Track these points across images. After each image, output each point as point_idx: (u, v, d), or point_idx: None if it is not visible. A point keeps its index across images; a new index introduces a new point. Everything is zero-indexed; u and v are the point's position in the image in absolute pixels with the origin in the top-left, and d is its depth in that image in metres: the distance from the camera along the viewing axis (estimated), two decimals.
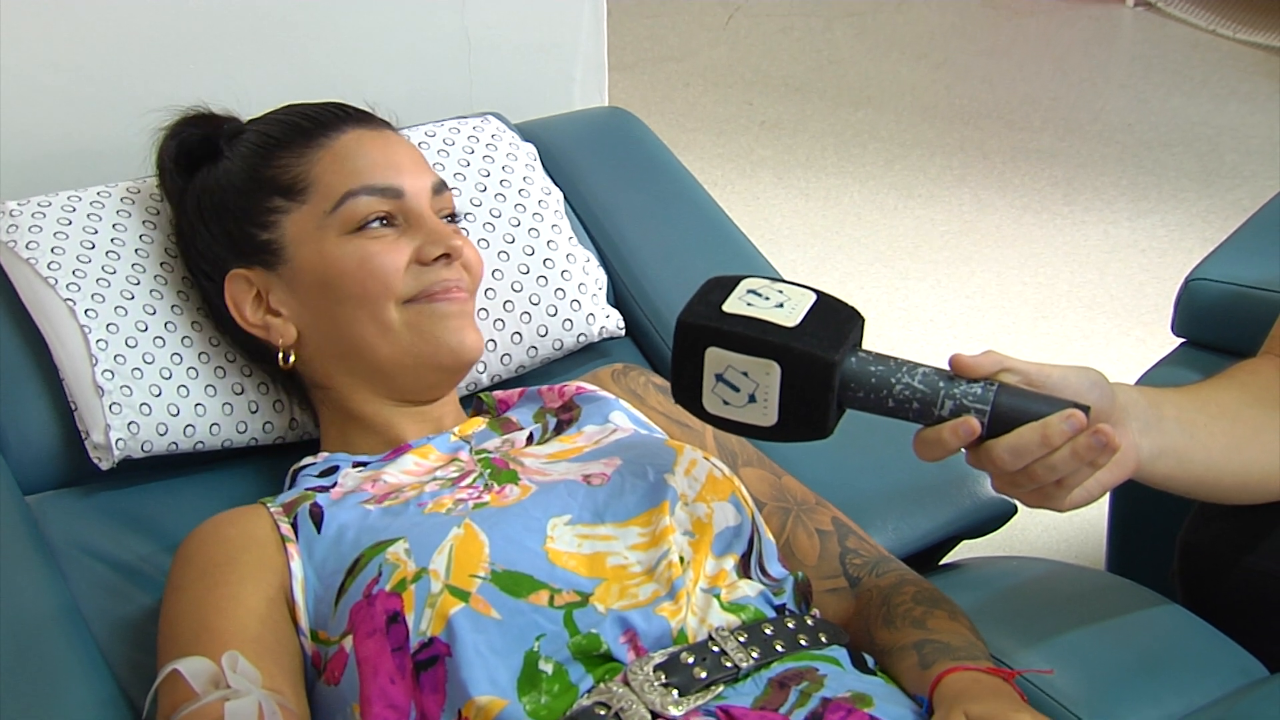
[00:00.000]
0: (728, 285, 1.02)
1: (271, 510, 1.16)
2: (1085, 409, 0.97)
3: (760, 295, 1.00)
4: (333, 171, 1.25)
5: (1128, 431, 1.04)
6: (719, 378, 1.00)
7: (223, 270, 1.28)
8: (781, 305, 0.99)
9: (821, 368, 0.97)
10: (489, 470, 1.19)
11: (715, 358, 0.99)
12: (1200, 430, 1.11)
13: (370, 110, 1.33)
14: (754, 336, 0.98)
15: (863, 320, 1.02)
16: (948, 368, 1.01)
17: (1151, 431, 1.07)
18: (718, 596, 1.09)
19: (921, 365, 1.01)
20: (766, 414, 1.00)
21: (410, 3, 1.76)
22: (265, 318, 1.27)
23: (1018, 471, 0.98)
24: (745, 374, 0.99)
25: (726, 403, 1.00)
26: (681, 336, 1.00)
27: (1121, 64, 3.86)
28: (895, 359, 1.01)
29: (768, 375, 0.98)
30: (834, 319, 1.00)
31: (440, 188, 1.29)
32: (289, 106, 1.33)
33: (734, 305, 0.99)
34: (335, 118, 1.29)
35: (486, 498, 1.14)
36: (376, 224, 1.24)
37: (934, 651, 1.08)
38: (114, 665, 1.18)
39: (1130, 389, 1.09)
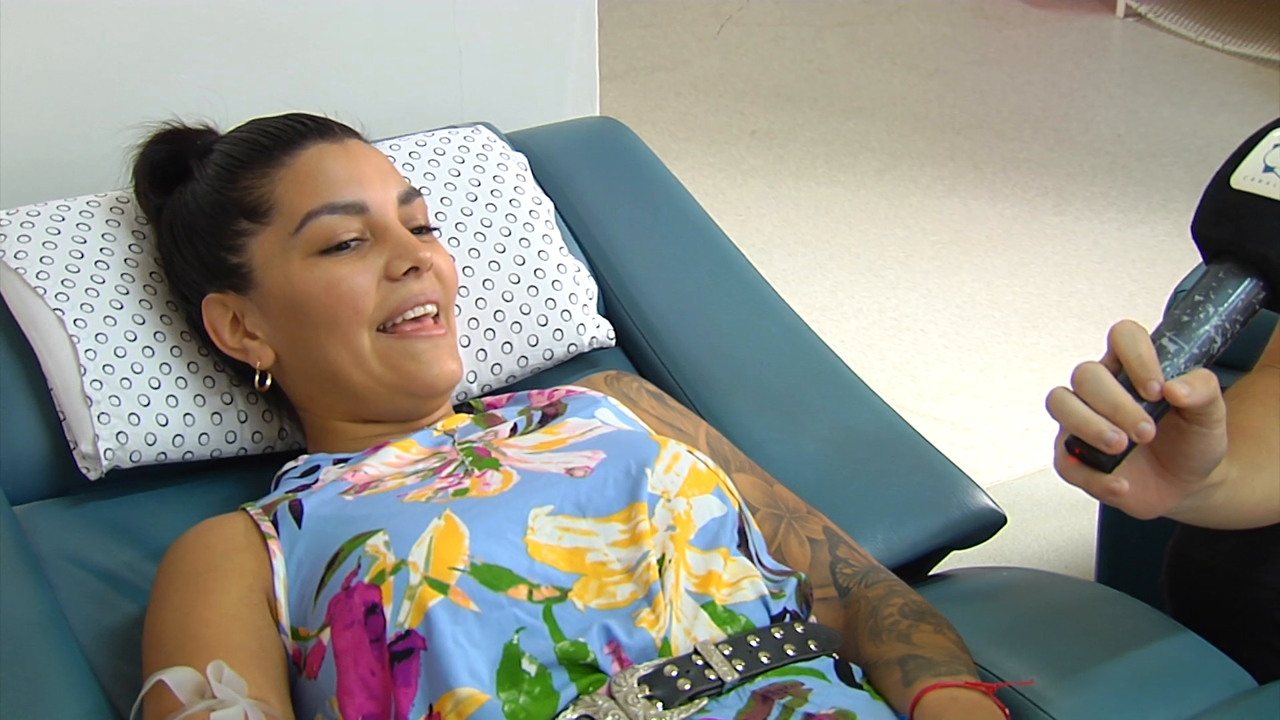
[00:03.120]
0: None
1: (252, 513, 1.16)
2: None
3: None
4: (295, 191, 1.24)
5: (1181, 495, 1.02)
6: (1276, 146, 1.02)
7: (199, 294, 1.28)
8: None
9: None
10: (470, 458, 1.18)
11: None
12: (1241, 488, 1.08)
13: (333, 118, 1.32)
14: None
15: None
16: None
17: (1194, 498, 1.04)
18: (707, 606, 1.09)
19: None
20: None
21: (401, 13, 1.76)
22: (243, 341, 1.27)
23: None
24: None
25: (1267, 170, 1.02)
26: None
27: (1111, 75, 3.87)
28: None
29: None
30: None
31: (409, 196, 1.28)
32: (253, 122, 1.32)
33: None
34: (296, 133, 1.27)
35: (466, 483, 1.14)
36: (343, 249, 1.23)
37: (916, 668, 1.08)
38: (100, 675, 1.17)
39: (1228, 465, 1.05)
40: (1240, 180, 1.03)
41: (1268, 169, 1.02)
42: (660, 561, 1.08)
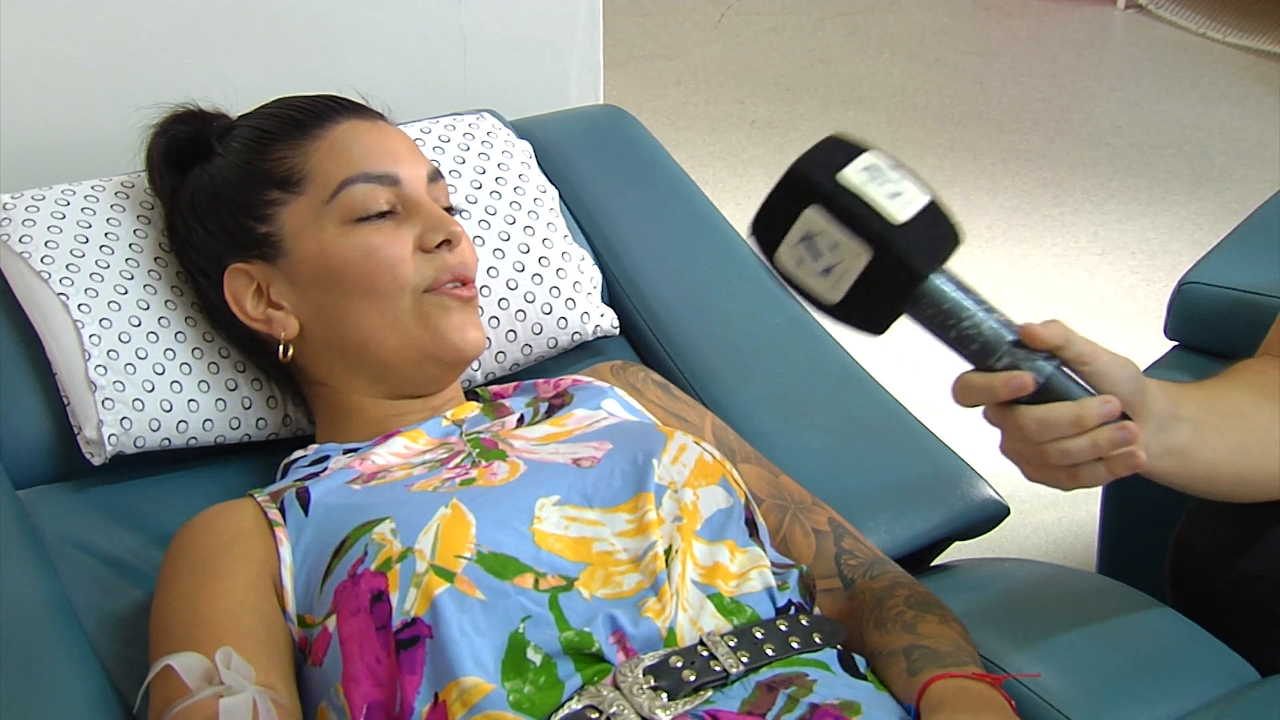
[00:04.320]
0: (851, 151, 0.99)
1: (259, 500, 1.16)
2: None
3: (879, 176, 0.98)
4: (329, 161, 1.25)
5: (1144, 430, 1.04)
6: (806, 238, 0.98)
7: (220, 266, 1.28)
8: (896, 196, 0.97)
9: (908, 275, 0.97)
10: (478, 449, 1.19)
11: (812, 219, 0.98)
12: (1211, 432, 1.12)
13: (364, 101, 1.33)
14: (860, 215, 0.96)
15: (960, 241, 1.00)
16: (1014, 324, 1.01)
17: (1164, 432, 1.07)
18: (713, 597, 1.09)
19: (996, 312, 1.00)
20: (834, 291, 0.99)
21: None
22: (266, 311, 1.26)
23: (1032, 445, 0.98)
24: (835, 246, 0.97)
25: (800, 264, 0.99)
26: (789, 184, 0.99)
27: (1112, 66, 3.87)
28: (975, 294, 1.00)
29: (856, 259, 0.97)
30: (938, 230, 0.99)
31: (435, 175, 1.29)
32: (280, 100, 1.33)
33: (852, 176, 0.97)
34: (329, 109, 1.29)
35: (473, 473, 1.14)
36: (378, 219, 1.24)
37: (922, 658, 1.08)
38: (105, 660, 1.17)
39: (1155, 387, 1.09)
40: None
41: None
42: (667, 552, 1.08)
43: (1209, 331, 1.62)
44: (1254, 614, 1.28)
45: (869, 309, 0.99)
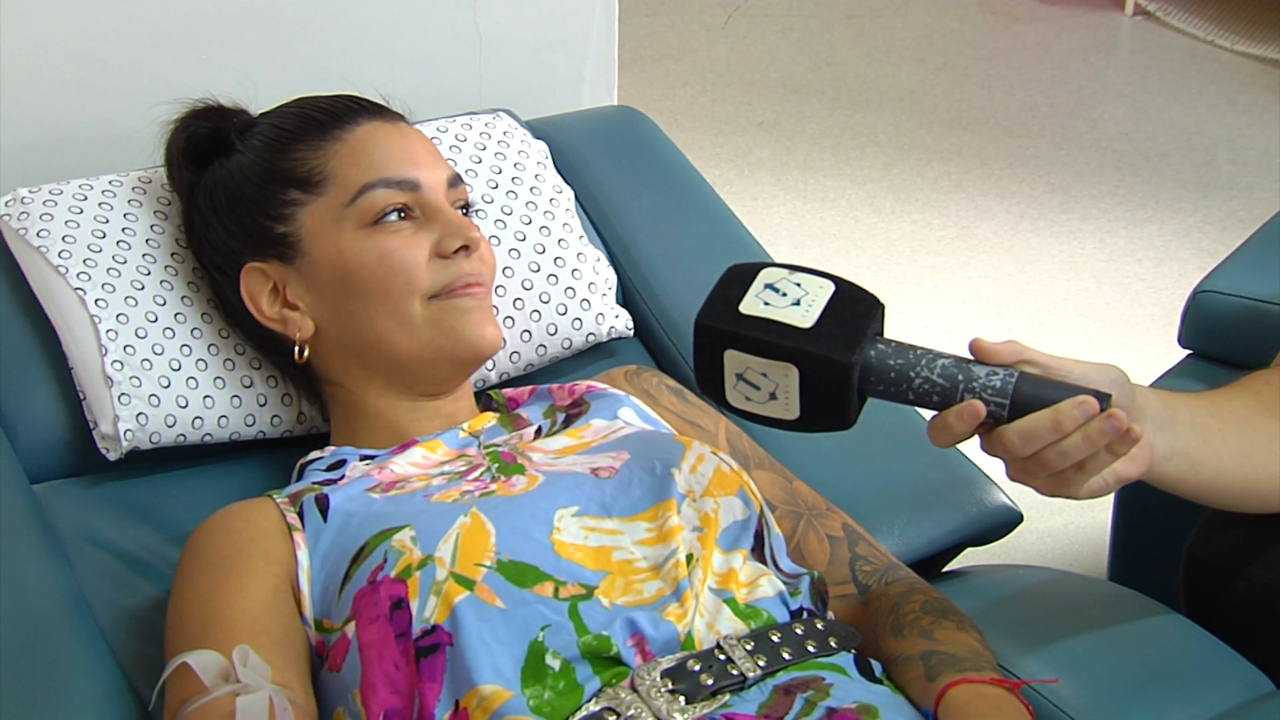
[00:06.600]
0: (745, 279, 1.02)
1: (278, 501, 1.16)
2: (1106, 397, 0.97)
3: (777, 291, 1.01)
4: (349, 164, 1.25)
5: (1143, 430, 1.04)
6: (739, 377, 1.01)
7: (237, 264, 1.27)
8: (798, 302, 1.00)
9: (838, 369, 0.98)
10: (496, 464, 1.19)
11: (734, 359, 1.00)
12: (1213, 435, 1.12)
13: (384, 103, 1.33)
14: (770, 341, 0.99)
15: (883, 308, 1.02)
16: (969, 355, 1.01)
17: (1165, 433, 1.08)
18: (729, 601, 1.09)
19: (942, 356, 1.01)
20: (789, 409, 1.01)
21: None
22: (282, 311, 1.26)
23: (1029, 458, 0.98)
24: (764, 375, 1.00)
25: (749, 399, 1.02)
26: (700, 338, 1.01)
27: (1119, 73, 3.87)
28: (916, 350, 1.01)
29: (786, 376, 0.99)
30: (852, 312, 1.00)
31: (455, 180, 1.29)
32: (301, 99, 1.33)
33: (750, 305, 1.00)
34: (350, 110, 1.29)
35: (493, 487, 1.14)
36: (394, 216, 1.23)
37: (940, 663, 1.08)
38: (120, 657, 1.17)
39: (1147, 390, 1.10)
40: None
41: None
42: (689, 558, 1.08)
43: (1223, 340, 1.61)
44: (1268, 623, 1.28)
45: (827, 411, 1.01)
